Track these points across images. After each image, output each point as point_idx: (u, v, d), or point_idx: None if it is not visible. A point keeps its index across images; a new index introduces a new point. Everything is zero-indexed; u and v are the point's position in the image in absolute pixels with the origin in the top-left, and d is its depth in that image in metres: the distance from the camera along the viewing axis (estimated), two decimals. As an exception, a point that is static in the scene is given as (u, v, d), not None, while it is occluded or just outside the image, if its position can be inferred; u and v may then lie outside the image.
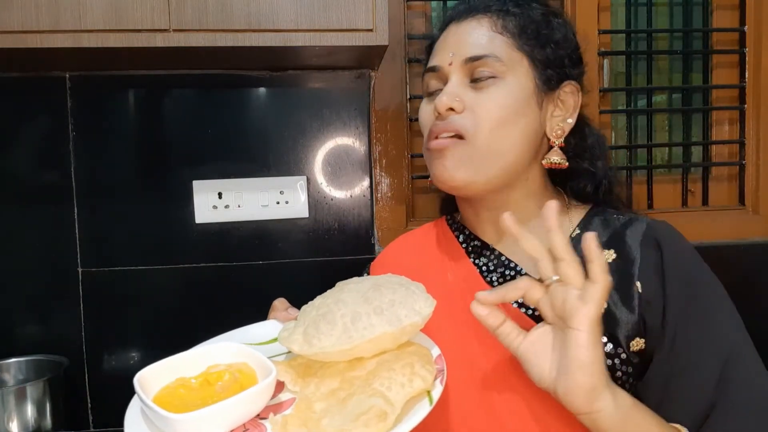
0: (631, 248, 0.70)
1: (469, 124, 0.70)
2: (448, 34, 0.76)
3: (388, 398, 0.51)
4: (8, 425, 1.02)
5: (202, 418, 0.48)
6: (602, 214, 0.76)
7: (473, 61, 0.71)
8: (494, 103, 0.70)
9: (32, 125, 1.20)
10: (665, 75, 1.48)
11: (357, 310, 0.56)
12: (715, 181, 1.46)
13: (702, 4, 1.45)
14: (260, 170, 1.25)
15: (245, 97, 1.25)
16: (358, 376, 0.56)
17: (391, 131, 1.30)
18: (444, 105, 0.70)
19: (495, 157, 0.70)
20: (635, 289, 0.67)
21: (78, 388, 1.21)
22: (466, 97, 0.71)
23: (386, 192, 1.31)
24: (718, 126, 1.46)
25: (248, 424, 0.52)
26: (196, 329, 1.25)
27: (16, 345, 1.19)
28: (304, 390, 0.56)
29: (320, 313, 0.58)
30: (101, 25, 0.93)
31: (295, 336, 0.57)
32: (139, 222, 1.23)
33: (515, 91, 0.71)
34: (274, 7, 0.96)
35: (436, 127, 0.72)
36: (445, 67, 0.74)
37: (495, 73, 0.71)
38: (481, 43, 0.72)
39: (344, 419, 0.49)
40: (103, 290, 1.22)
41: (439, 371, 0.56)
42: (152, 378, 0.55)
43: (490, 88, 0.71)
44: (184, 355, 0.58)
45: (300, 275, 1.26)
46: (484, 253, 0.79)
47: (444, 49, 0.75)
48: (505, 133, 0.70)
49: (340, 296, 0.59)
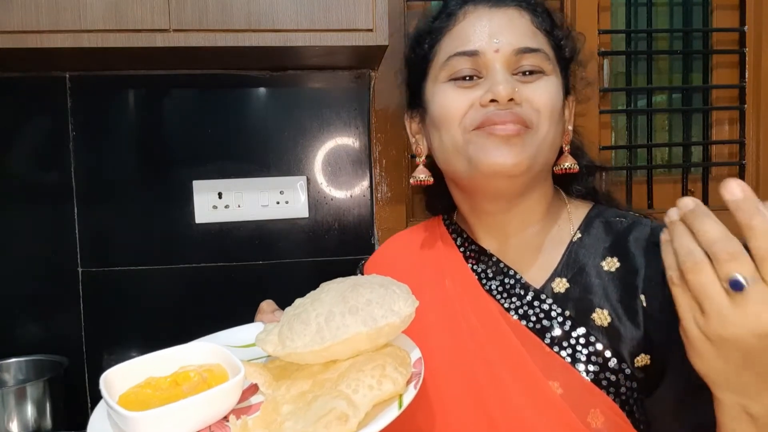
0: (635, 256, 0.67)
1: (533, 115, 0.67)
2: (482, 18, 0.69)
3: (353, 401, 0.48)
4: (8, 425, 1.02)
5: (160, 417, 0.46)
6: (603, 216, 0.74)
7: (525, 53, 0.67)
8: (548, 96, 0.68)
9: (32, 125, 1.20)
10: (665, 75, 1.48)
11: (332, 310, 0.54)
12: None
13: (702, 4, 1.44)
14: (260, 170, 1.25)
15: (245, 97, 1.25)
16: (330, 378, 0.54)
17: (391, 131, 1.30)
18: (507, 94, 0.65)
19: (549, 148, 0.69)
20: (639, 302, 0.65)
21: (78, 388, 1.22)
22: (517, 89, 0.67)
23: (386, 192, 1.31)
24: (718, 126, 1.46)
25: (213, 427, 0.50)
26: (196, 329, 1.24)
27: (16, 345, 1.19)
28: (275, 392, 0.54)
29: (296, 312, 0.56)
30: (101, 25, 0.93)
31: (270, 337, 0.56)
32: (139, 222, 1.23)
33: (557, 89, 0.70)
34: (274, 7, 0.96)
35: (498, 117, 0.66)
36: (488, 54, 0.68)
37: (543, 68, 0.68)
38: (529, 34, 0.69)
39: (307, 422, 0.47)
40: (103, 290, 1.22)
41: (416, 374, 0.54)
42: (121, 377, 0.53)
43: (539, 82, 0.68)
44: (156, 355, 0.57)
45: (300, 275, 1.26)
46: (482, 260, 0.76)
47: (483, 34, 0.68)
48: (556, 127, 0.69)
49: (319, 296, 0.57)
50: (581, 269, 0.69)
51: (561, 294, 0.69)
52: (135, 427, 0.47)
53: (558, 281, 0.70)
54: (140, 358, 0.56)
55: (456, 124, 0.69)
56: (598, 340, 0.64)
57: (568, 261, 0.71)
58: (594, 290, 0.67)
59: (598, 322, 0.65)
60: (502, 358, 0.66)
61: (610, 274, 0.68)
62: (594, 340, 0.65)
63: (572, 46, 0.75)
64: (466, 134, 0.69)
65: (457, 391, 0.67)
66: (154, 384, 0.53)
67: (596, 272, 0.69)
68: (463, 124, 0.69)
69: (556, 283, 0.70)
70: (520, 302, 0.70)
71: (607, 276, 0.68)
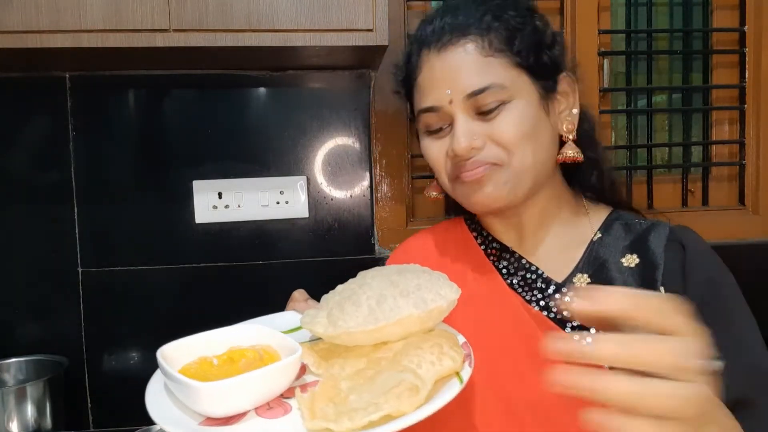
0: (655, 253, 0.69)
1: (500, 153, 0.68)
2: (434, 69, 0.70)
3: (419, 374, 0.50)
4: (8, 425, 1.02)
5: (227, 388, 0.47)
6: (623, 219, 0.76)
7: (477, 95, 0.68)
8: (511, 127, 0.68)
9: (32, 125, 1.20)
10: (665, 75, 1.48)
11: (383, 293, 0.56)
12: (715, 181, 1.46)
13: (702, 4, 1.44)
14: (260, 170, 1.25)
15: (245, 97, 1.25)
16: (385, 357, 0.55)
17: (391, 131, 1.30)
18: (465, 148, 0.68)
19: (527, 173, 0.70)
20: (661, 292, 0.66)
21: (78, 388, 1.21)
22: (481, 130, 0.68)
23: (386, 192, 1.31)
24: (718, 126, 1.46)
25: (272, 403, 0.51)
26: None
27: (16, 345, 1.19)
28: (329, 371, 0.56)
29: (344, 296, 0.58)
30: (101, 25, 0.93)
31: (319, 318, 0.57)
32: (139, 222, 1.23)
33: (525, 110, 0.69)
34: (274, 7, 0.96)
35: (464, 167, 0.69)
36: (445, 107, 0.69)
37: (501, 100, 0.68)
38: (475, 73, 0.68)
39: (373, 395, 0.48)
40: (103, 290, 1.22)
41: (467, 355, 0.56)
42: (174, 354, 0.54)
43: (501, 114, 0.68)
44: (206, 335, 0.58)
45: (300, 275, 1.26)
46: (504, 256, 0.79)
47: (436, 87, 0.70)
48: (530, 149, 0.69)
49: (364, 281, 0.59)
50: (602, 265, 0.72)
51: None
52: (199, 398, 0.48)
53: (579, 277, 0.72)
54: (190, 337, 0.57)
55: (442, 173, 0.75)
56: None
57: (589, 258, 0.73)
58: (614, 284, 0.69)
59: None
60: (526, 348, 0.68)
61: (630, 269, 0.70)
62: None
63: (538, 38, 0.71)
64: (451, 183, 0.74)
65: (479, 381, 0.69)
66: (207, 361, 0.54)
67: (616, 268, 0.71)
68: (446, 174, 0.74)
69: (578, 278, 0.72)
70: (541, 295, 0.73)
71: (627, 271, 0.70)
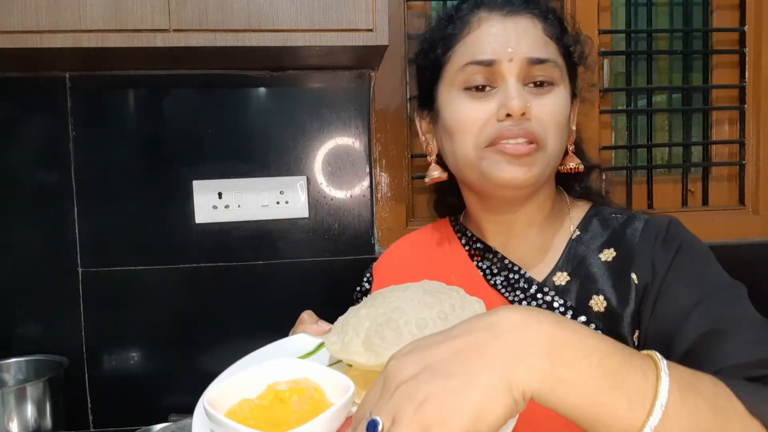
0: (630, 245, 0.71)
1: (542, 132, 0.69)
2: (497, 27, 0.70)
3: None
4: (8, 425, 1.02)
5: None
6: (601, 214, 0.77)
7: (536, 64, 0.69)
8: (556, 110, 0.70)
9: (32, 125, 1.20)
10: (665, 75, 1.48)
11: (421, 316, 0.54)
12: (715, 181, 1.46)
13: (702, 4, 1.44)
14: (260, 170, 1.25)
15: (245, 97, 1.25)
16: None
17: (391, 131, 1.30)
18: (520, 109, 0.67)
19: (551, 163, 0.72)
20: (632, 280, 0.68)
21: (78, 388, 1.21)
22: (529, 103, 0.68)
23: (386, 192, 1.31)
24: (718, 126, 1.46)
25: None
26: (196, 329, 1.25)
27: (16, 345, 1.19)
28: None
29: (379, 322, 0.55)
30: (101, 25, 0.93)
31: (355, 348, 0.55)
32: (139, 222, 1.23)
33: (565, 100, 0.72)
34: (274, 7, 0.96)
35: (510, 132, 0.68)
36: (504, 63, 0.68)
37: (553, 79, 0.70)
38: (541, 44, 0.70)
39: None
40: (103, 290, 1.22)
41: None
42: (218, 399, 0.51)
43: (549, 95, 0.70)
44: (242, 376, 0.55)
45: (300, 275, 1.26)
46: (487, 256, 0.79)
47: (497, 43, 0.69)
48: (560, 140, 0.72)
49: (392, 304, 0.56)
50: (580, 263, 0.73)
51: (562, 286, 0.73)
52: None
53: (559, 275, 0.74)
54: (226, 382, 0.54)
55: (471, 138, 0.71)
56: (597, 327, 0.68)
57: (568, 256, 0.75)
58: (592, 280, 0.71)
59: (595, 309, 0.69)
60: None
61: (607, 263, 0.72)
62: (594, 327, 0.68)
63: (581, 50, 0.76)
64: (479, 150, 0.70)
65: None
66: (252, 404, 0.52)
67: (594, 264, 0.72)
68: (477, 140, 0.70)
69: (557, 277, 0.74)
70: (524, 295, 0.74)
71: (605, 266, 0.72)
